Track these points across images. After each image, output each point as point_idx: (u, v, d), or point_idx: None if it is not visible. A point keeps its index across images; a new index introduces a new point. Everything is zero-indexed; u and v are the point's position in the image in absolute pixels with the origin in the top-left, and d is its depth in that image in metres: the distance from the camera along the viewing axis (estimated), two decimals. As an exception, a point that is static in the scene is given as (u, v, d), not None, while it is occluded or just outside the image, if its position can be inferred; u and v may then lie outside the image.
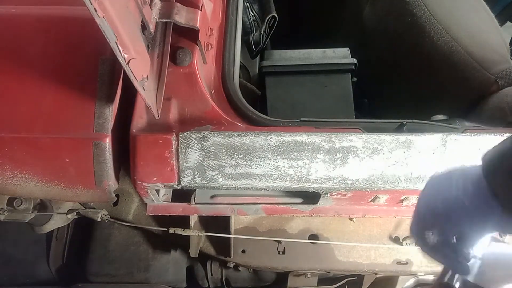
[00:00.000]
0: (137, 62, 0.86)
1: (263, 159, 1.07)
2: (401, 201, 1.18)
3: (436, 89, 1.49)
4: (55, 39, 1.15)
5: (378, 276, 1.60)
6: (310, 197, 1.20)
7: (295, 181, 1.08)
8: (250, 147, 1.07)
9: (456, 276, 0.72)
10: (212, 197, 1.23)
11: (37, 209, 1.44)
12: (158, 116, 1.04)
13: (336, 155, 1.07)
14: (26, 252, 1.77)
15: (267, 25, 1.60)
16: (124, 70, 0.86)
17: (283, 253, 1.48)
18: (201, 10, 1.05)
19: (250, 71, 1.68)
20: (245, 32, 1.56)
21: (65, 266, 1.74)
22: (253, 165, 1.07)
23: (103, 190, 1.14)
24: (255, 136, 1.07)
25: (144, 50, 0.95)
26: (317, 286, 1.63)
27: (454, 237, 0.66)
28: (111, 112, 1.08)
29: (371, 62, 1.65)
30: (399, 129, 1.14)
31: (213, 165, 1.07)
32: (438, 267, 0.78)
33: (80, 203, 1.43)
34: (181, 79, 1.11)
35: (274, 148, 1.07)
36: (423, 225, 0.67)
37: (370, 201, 1.19)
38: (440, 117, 1.34)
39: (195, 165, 1.07)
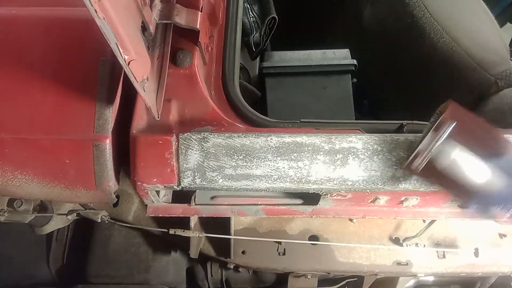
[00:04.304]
0: (137, 63, 0.87)
1: (263, 160, 1.07)
2: (401, 202, 1.18)
3: (436, 90, 1.49)
4: (55, 40, 1.15)
5: (378, 277, 1.61)
6: (310, 198, 1.20)
7: (295, 182, 1.08)
8: (250, 148, 1.07)
9: None
10: (212, 198, 1.23)
11: (37, 210, 1.44)
12: (158, 117, 1.04)
13: (336, 156, 1.07)
14: (26, 253, 1.77)
15: (267, 26, 1.60)
16: (124, 71, 0.86)
17: (283, 254, 1.48)
18: (201, 11, 1.05)
19: (250, 72, 1.68)
20: (245, 33, 1.56)
21: (65, 267, 1.73)
22: (253, 166, 1.07)
23: (103, 191, 1.14)
24: (255, 137, 1.07)
25: (144, 51, 0.96)
26: (317, 287, 1.63)
27: None
28: (111, 113, 1.08)
29: (371, 63, 1.66)
30: (399, 130, 1.14)
31: (213, 166, 1.07)
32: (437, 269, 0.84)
33: (80, 204, 1.43)
34: (181, 80, 1.11)
35: (274, 149, 1.07)
36: None
37: (370, 202, 1.19)
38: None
39: (195, 166, 1.07)
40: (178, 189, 1.12)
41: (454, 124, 0.92)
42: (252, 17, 1.59)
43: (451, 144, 0.93)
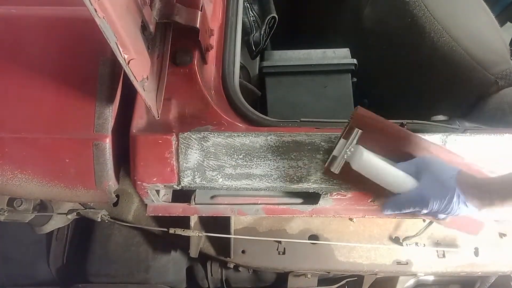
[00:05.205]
0: (137, 62, 0.86)
1: (263, 160, 1.07)
2: (401, 202, 1.18)
3: (436, 89, 1.49)
4: (55, 39, 1.15)
5: (378, 276, 1.61)
6: (310, 197, 1.20)
7: (295, 181, 1.08)
8: (250, 147, 1.07)
9: None
10: (212, 197, 1.23)
11: (37, 209, 1.44)
12: (158, 117, 1.04)
13: (336, 156, 1.07)
14: (26, 253, 1.77)
15: (267, 25, 1.60)
16: (124, 71, 0.86)
17: (283, 253, 1.48)
18: (201, 11, 1.05)
19: (250, 72, 1.68)
20: (245, 33, 1.56)
21: (65, 267, 1.74)
22: (253, 165, 1.07)
23: (103, 190, 1.14)
24: (255, 137, 1.07)
25: (144, 50, 0.96)
26: (317, 286, 1.63)
27: None
28: (111, 113, 1.08)
29: (371, 62, 1.65)
30: (399, 129, 1.13)
31: (213, 165, 1.07)
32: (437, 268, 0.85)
33: (80, 204, 1.43)
34: (181, 79, 1.11)
35: (274, 149, 1.07)
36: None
37: (370, 201, 1.19)
38: (440, 117, 1.34)
39: (195, 165, 1.07)
40: (178, 188, 1.12)
41: (360, 131, 0.98)
42: (252, 16, 1.59)
43: (360, 148, 0.98)
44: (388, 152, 1.00)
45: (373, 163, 0.97)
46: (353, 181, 1.03)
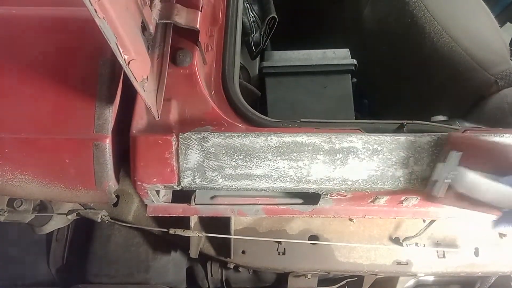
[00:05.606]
0: (137, 63, 0.87)
1: (263, 160, 1.07)
2: (401, 202, 1.18)
3: (436, 89, 1.50)
4: (55, 40, 1.15)
5: (378, 276, 1.61)
6: (310, 198, 1.20)
7: (295, 182, 1.08)
8: (250, 148, 1.07)
9: None
10: (212, 198, 1.23)
11: (37, 210, 1.44)
12: (158, 117, 1.04)
13: (336, 156, 1.07)
14: (26, 253, 1.77)
15: (267, 26, 1.60)
16: (124, 71, 0.86)
17: (283, 253, 1.48)
18: (201, 11, 1.05)
19: (250, 72, 1.68)
20: (245, 33, 1.56)
21: (65, 267, 1.74)
22: (253, 166, 1.07)
23: (103, 191, 1.14)
24: (255, 137, 1.07)
25: (144, 51, 0.96)
26: (317, 287, 1.63)
27: None
28: (111, 113, 1.08)
29: (371, 62, 1.66)
30: (399, 129, 1.14)
31: (213, 166, 1.07)
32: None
33: (80, 204, 1.43)
34: (181, 80, 1.11)
35: (274, 149, 1.07)
36: None
37: (370, 202, 1.19)
38: (440, 117, 1.34)
39: (195, 166, 1.07)
40: (178, 189, 1.12)
41: (459, 153, 0.96)
42: (252, 16, 1.59)
43: (462, 170, 0.95)
44: (489, 169, 0.96)
45: (478, 183, 0.93)
46: (459, 202, 1.00)
